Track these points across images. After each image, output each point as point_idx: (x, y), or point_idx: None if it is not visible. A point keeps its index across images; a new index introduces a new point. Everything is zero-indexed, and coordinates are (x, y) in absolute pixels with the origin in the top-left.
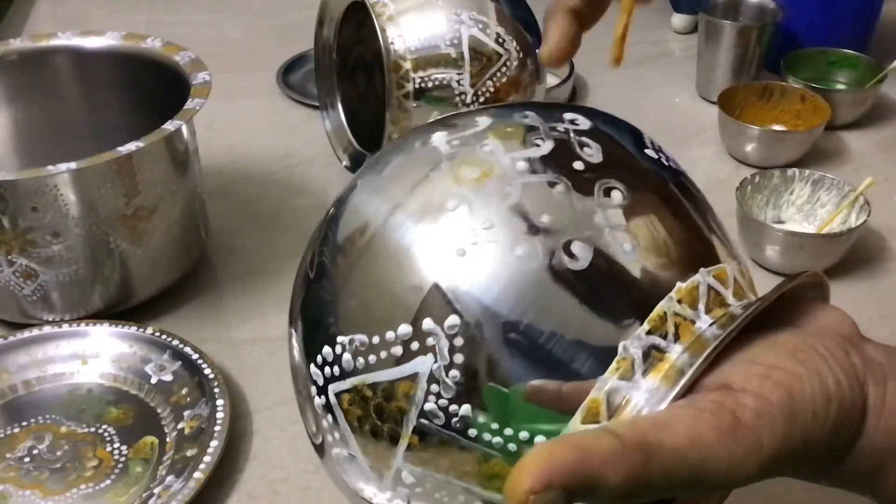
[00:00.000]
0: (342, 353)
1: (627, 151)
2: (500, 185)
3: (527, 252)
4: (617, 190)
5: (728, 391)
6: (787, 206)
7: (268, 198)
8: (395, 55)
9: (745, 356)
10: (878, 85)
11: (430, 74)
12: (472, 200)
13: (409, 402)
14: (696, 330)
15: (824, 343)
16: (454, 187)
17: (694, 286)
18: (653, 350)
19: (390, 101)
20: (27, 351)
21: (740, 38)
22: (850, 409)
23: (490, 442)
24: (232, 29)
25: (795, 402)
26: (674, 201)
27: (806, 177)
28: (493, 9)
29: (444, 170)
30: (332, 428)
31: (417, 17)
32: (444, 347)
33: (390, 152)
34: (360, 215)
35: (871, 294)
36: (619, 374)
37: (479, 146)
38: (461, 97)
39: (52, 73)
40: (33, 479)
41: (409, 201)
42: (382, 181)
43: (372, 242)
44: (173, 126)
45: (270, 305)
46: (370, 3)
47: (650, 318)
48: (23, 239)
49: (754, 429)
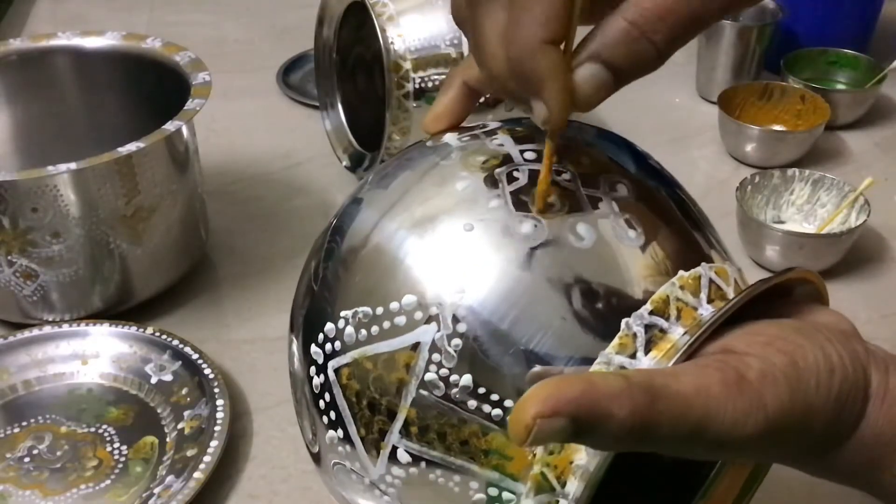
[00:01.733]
0: (345, 327)
1: (629, 157)
2: (507, 171)
3: (533, 230)
4: (622, 185)
5: (732, 354)
6: (787, 206)
7: (268, 198)
8: (395, 55)
9: (748, 328)
10: (878, 85)
11: (431, 74)
12: (480, 183)
13: (410, 373)
14: (699, 316)
15: (826, 328)
16: (464, 171)
17: (696, 276)
18: (655, 329)
19: (390, 101)
20: (27, 351)
21: (740, 38)
22: (853, 387)
23: (489, 414)
24: (232, 29)
25: (799, 368)
26: (676, 208)
27: (806, 177)
28: None
29: (455, 157)
30: (328, 409)
31: (417, 17)
32: (447, 317)
33: (396, 166)
34: (362, 229)
35: (871, 294)
36: (621, 349)
37: (489, 140)
38: None
39: (52, 73)
40: (33, 479)
41: (410, 215)
42: (387, 196)
43: (373, 254)
44: (173, 126)
45: (270, 305)
46: (370, 3)
47: (653, 299)
48: (23, 239)
49: (758, 386)
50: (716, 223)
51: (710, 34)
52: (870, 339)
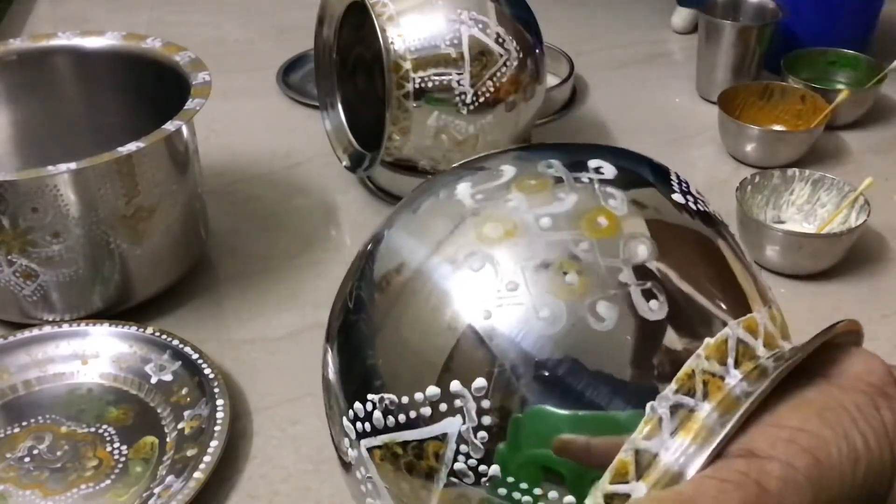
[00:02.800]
0: (373, 411)
1: (654, 198)
2: (524, 244)
3: (552, 314)
4: (643, 244)
5: (753, 458)
6: (787, 206)
7: (268, 198)
8: (395, 55)
9: (771, 419)
10: (878, 85)
11: (430, 74)
12: (497, 260)
13: (440, 461)
14: (725, 386)
15: (853, 398)
16: (478, 245)
17: (722, 340)
18: (680, 409)
19: (390, 101)
20: (27, 351)
21: (740, 38)
22: (880, 470)
23: (520, 501)
24: (232, 29)
25: (822, 467)
26: (702, 249)
27: (806, 177)
28: (493, 9)
29: (469, 226)
30: (364, 479)
31: (417, 18)
32: (471, 409)
33: (422, 194)
34: (395, 256)
35: (871, 294)
36: (647, 433)
37: (503, 201)
38: (461, 97)
39: (52, 73)
40: (33, 479)
41: (434, 255)
42: (416, 223)
43: (407, 284)
44: (173, 126)
45: (270, 305)
46: (370, 3)
47: (678, 377)
48: (23, 239)
49: (779, 497)
50: None
51: (709, 34)
52: (870, 339)
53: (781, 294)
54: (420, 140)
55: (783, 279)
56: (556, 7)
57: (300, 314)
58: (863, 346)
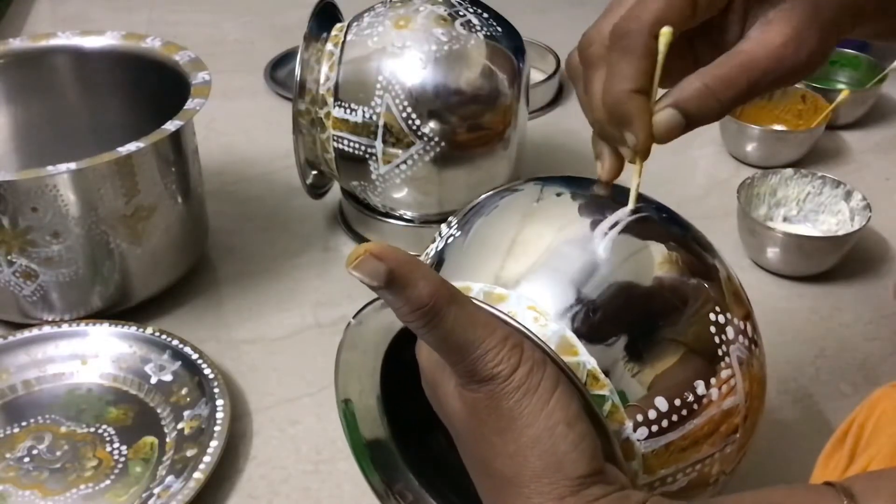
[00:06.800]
0: None
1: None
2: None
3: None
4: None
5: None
6: (787, 206)
7: (268, 198)
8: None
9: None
10: (879, 85)
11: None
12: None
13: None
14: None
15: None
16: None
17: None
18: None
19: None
20: (27, 351)
21: None
22: None
23: None
24: (231, 28)
25: None
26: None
27: (806, 177)
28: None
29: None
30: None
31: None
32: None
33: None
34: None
35: (872, 294)
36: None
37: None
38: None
39: (52, 73)
40: (33, 479)
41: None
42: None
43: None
44: (173, 126)
45: (270, 305)
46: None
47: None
48: (23, 239)
49: None
50: (716, 223)
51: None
52: (870, 340)
53: (782, 295)
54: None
55: (783, 280)
56: (543, 1)
57: (300, 314)
58: (862, 347)
